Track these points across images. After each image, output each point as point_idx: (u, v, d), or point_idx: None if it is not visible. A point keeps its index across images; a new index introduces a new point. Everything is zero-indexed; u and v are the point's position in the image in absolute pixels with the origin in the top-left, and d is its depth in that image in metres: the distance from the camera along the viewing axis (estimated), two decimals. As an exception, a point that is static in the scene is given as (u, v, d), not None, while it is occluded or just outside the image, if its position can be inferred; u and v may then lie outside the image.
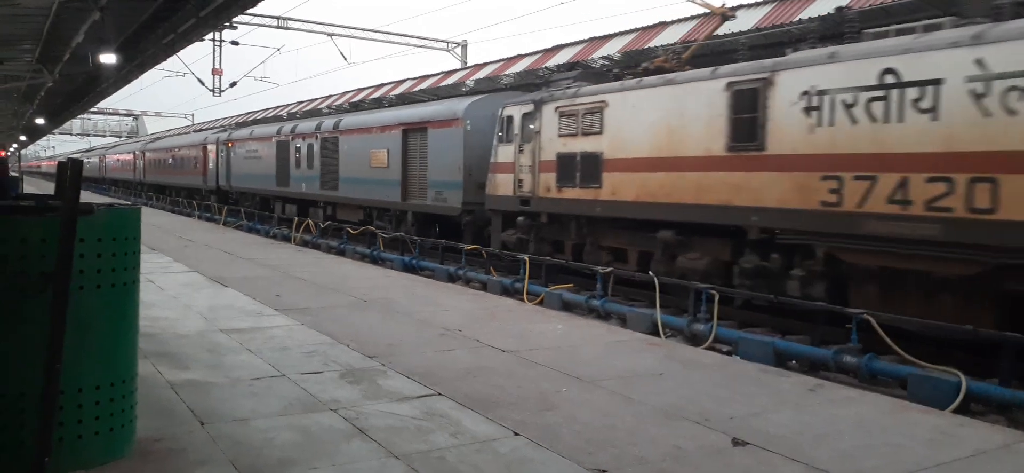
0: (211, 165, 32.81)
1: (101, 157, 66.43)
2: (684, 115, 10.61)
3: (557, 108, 13.07)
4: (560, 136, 12.97)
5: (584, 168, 12.42)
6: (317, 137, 22.68)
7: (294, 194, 24.71)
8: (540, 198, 13.54)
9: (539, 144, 13.44)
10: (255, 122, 35.22)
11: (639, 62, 13.50)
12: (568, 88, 13.29)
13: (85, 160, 69.22)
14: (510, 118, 14.45)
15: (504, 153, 14.57)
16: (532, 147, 13.65)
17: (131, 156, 52.18)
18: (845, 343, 8.24)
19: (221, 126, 39.95)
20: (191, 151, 36.24)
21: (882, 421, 5.32)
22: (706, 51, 13.02)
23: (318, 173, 22.43)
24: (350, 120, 21.66)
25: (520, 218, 14.13)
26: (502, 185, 14.59)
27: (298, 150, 24.05)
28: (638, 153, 11.43)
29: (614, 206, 11.89)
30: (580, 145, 12.53)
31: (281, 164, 25.39)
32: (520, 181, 14.02)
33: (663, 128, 10.95)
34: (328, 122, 22.71)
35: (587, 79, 13.59)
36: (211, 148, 32.96)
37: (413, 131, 17.94)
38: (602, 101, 12.16)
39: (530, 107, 13.87)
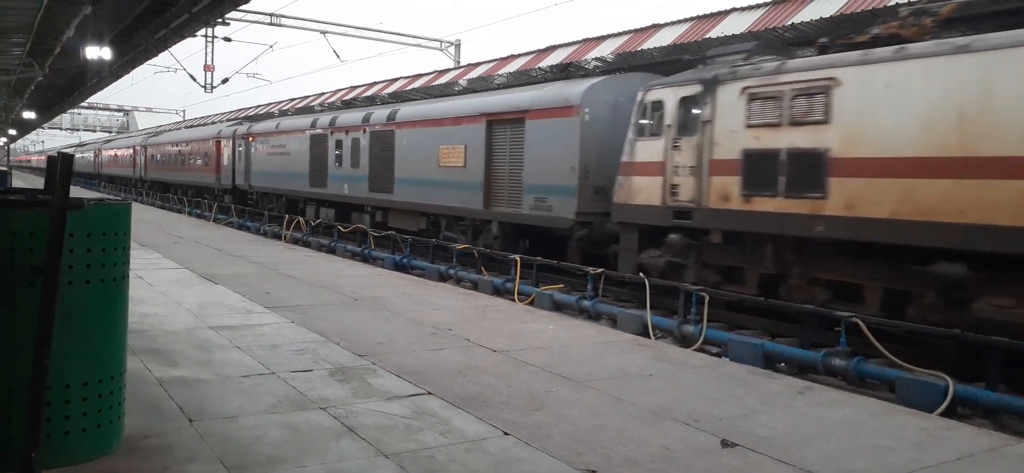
0: (226, 162, 29.61)
1: (96, 151, 62.66)
2: (993, 95, 7.57)
3: (745, 89, 9.81)
4: (749, 127, 9.73)
5: (793, 171, 9.20)
6: (365, 130, 19.41)
7: (332, 196, 21.36)
8: (711, 210, 10.23)
9: (711, 137, 10.22)
10: (281, 113, 31.03)
11: (857, 30, 9.84)
12: (759, 63, 10.07)
13: (78, 155, 67.15)
14: (658, 104, 11.23)
15: (646, 150, 11.30)
16: (697, 141, 10.45)
17: (130, 151, 48.99)
18: (834, 346, 8.29)
19: (237, 118, 36.11)
20: (201, 146, 32.78)
21: (870, 423, 5.35)
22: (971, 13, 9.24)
23: (366, 173, 19.34)
24: (411, 110, 18.36)
25: (672, 236, 10.89)
26: (642, 191, 11.28)
27: (339, 145, 20.71)
28: (898, 150, 8.28)
29: (851, 225, 8.61)
30: (786, 139, 9.28)
31: (316, 162, 22.04)
32: (674, 186, 10.76)
33: (949, 115, 7.86)
34: (380, 113, 19.47)
35: (766, 52, 10.56)
36: (226, 143, 29.65)
37: (502, 123, 14.79)
38: (829, 79, 8.92)
39: (696, 88, 10.59)
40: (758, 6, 12.55)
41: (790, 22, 11.18)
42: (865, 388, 7.70)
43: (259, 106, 36.27)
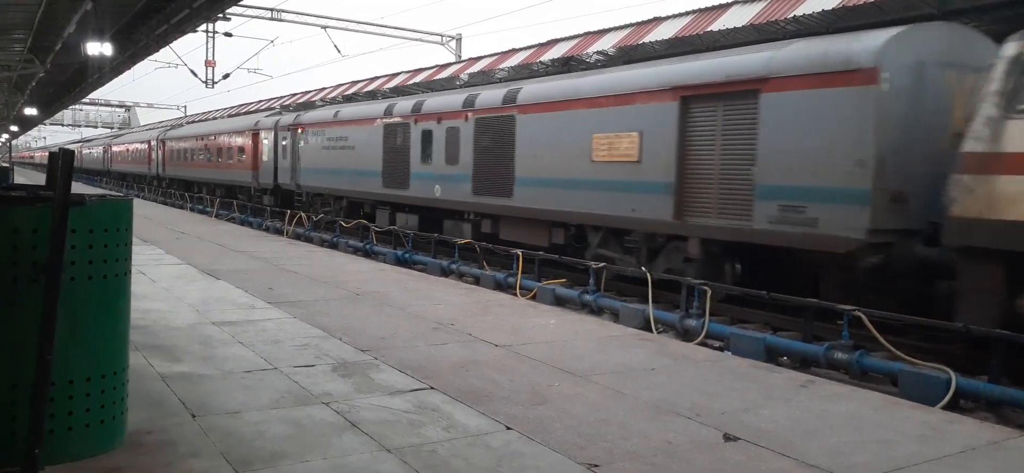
0: (265, 157, 25.91)
1: (106, 146, 58.34)
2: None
3: None
4: None
5: None
6: (468, 117, 15.56)
7: (416, 200, 17.55)
8: None
9: None
10: (340, 100, 26.53)
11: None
12: None
13: (86, 151, 64.62)
14: None
15: None
16: None
17: (144, 145, 44.92)
18: (837, 339, 8.28)
19: (274, 107, 32.53)
20: (234, 139, 28.98)
21: (872, 417, 5.35)
22: None
23: (468, 171, 15.55)
24: (541, 90, 14.10)
25: None
26: (1021, 199, 7.37)
27: (428, 137, 16.92)
28: None
29: None
30: None
31: (393, 157, 18.34)
32: None
33: None
34: (490, 94, 15.34)
35: None
36: (266, 135, 25.98)
37: (710, 98, 10.68)
38: None
39: None
40: (760, -1, 12.52)
41: (792, 14, 11.15)
42: (867, 382, 7.71)
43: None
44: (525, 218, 14.30)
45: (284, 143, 24.70)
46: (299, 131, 23.62)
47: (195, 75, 33.10)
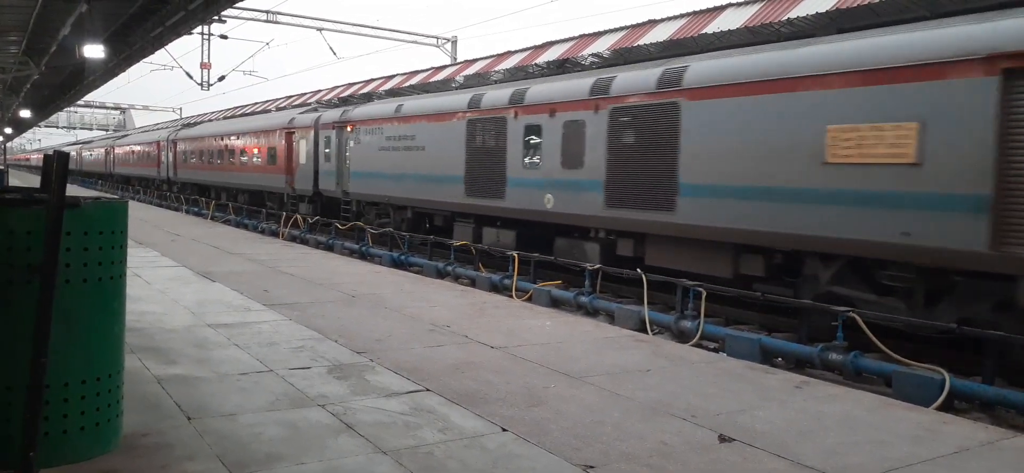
0: (302, 159, 22.72)
1: (108, 148, 54.55)
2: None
3: None
4: None
5: None
6: (598, 107, 12.18)
7: (519, 211, 14.08)
8: None
9: None
10: (396, 91, 22.58)
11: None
12: None
13: (86, 153, 62.19)
14: None
15: None
16: None
17: (153, 146, 41.35)
18: (831, 340, 8.31)
19: (315, 102, 28.59)
20: (263, 139, 25.62)
21: (867, 418, 5.37)
22: None
23: (599, 176, 12.16)
24: (728, 67, 10.46)
25: None
26: None
27: (534, 133, 13.63)
28: None
29: None
30: None
31: (481, 158, 15.04)
32: None
33: None
34: (635, 77, 11.84)
35: None
36: (302, 134, 22.75)
37: None
38: None
39: None
40: (753, 1, 12.56)
41: (786, 17, 11.19)
42: (862, 383, 7.73)
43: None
44: (695, 240, 10.77)
45: (328, 144, 21.24)
46: (347, 129, 20.19)
47: (191, 77, 33.07)
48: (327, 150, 21.31)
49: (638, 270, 11.11)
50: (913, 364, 7.59)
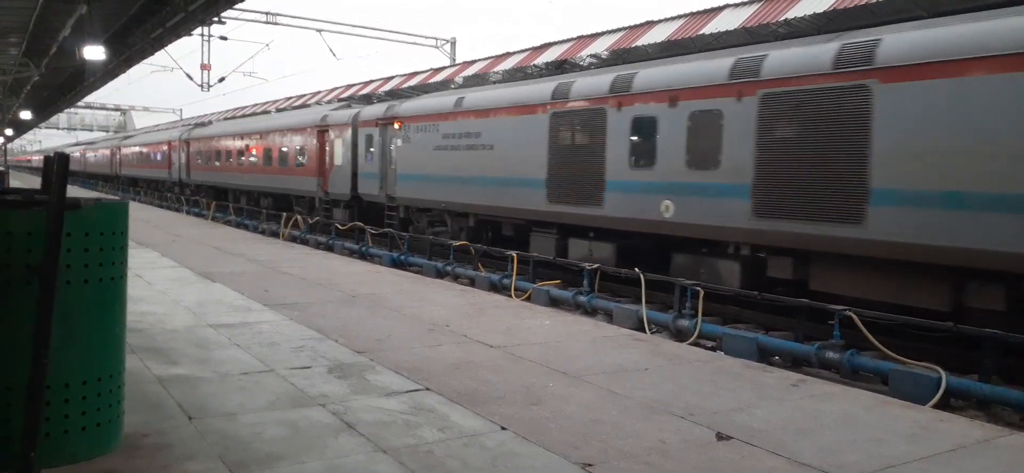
0: (339, 160, 20.89)
1: (114, 149, 52.11)
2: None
3: None
4: None
5: None
6: (742, 94, 10.23)
7: (623, 220, 12.12)
8: None
9: None
10: (447, 84, 20.57)
11: None
12: None
13: (90, 154, 60.97)
14: None
15: None
16: None
17: (164, 146, 38.55)
18: (828, 339, 8.34)
19: (349, 97, 26.08)
20: (292, 138, 23.69)
21: (864, 416, 5.39)
22: None
23: (742, 179, 10.17)
24: (943, 37, 8.41)
25: None
26: None
27: (646, 127, 11.71)
28: None
29: None
30: None
31: (569, 158, 13.10)
32: None
33: None
34: (798, 55, 9.80)
35: None
36: (338, 132, 20.90)
37: None
38: None
39: None
40: (751, 2, 12.59)
41: (783, 18, 11.22)
42: (859, 381, 7.76)
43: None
44: (894, 260, 8.67)
45: (369, 143, 19.30)
46: (394, 126, 18.17)
47: (191, 78, 33.06)
48: (370, 150, 19.33)
49: (636, 270, 11.11)
50: (910, 362, 7.61)
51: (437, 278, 13.87)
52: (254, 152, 26.83)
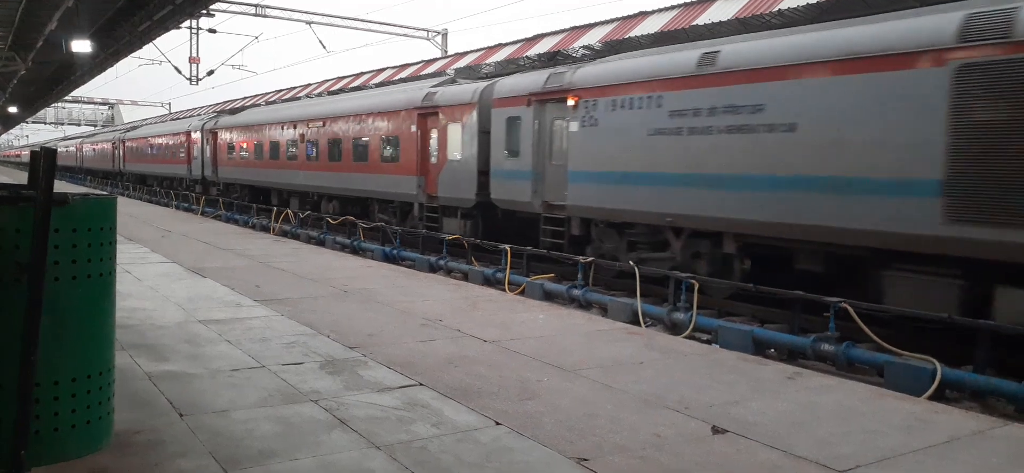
0: (455, 153, 15.99)
1: (116, 142, 47.34)
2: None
3: None
4: None
5: None
6: None
7: None
8: None
9: None
10: (669, 37, 13.91)
11: None
12: None
13: (86, 148, 57.98)
14: None
15: None
16: None
17: (180, 137, 33.60)
18: (824, 331, 8.34)
19: (453, 71, 20.63)
20: (372, 126, 19.09)
21: (859, 408, 5.39)
22: None
23: None
24: None
25: None
26: None
27: None
28: None
29: None
30: None
31: (999, 144, 7.61)
32: None
33: None
34: None
35: None
36: (454, 115, 16.03)
37: None
38: None
39: None
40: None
41: (777, 9, 11.19)
42: (854, 373, 7.77)
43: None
44: None
45: (510, 128, 14.40)
46: (565, 103, 12.99)
47: (179, 72, 32.87)
48: (514, 138, 14.28)
49: (630, 262, 11.07)
50: (905, 354, 7.62)
51: (430, 273, 13.83)
52: (315, 144, 21.87)
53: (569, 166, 12.90)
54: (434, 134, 16.68)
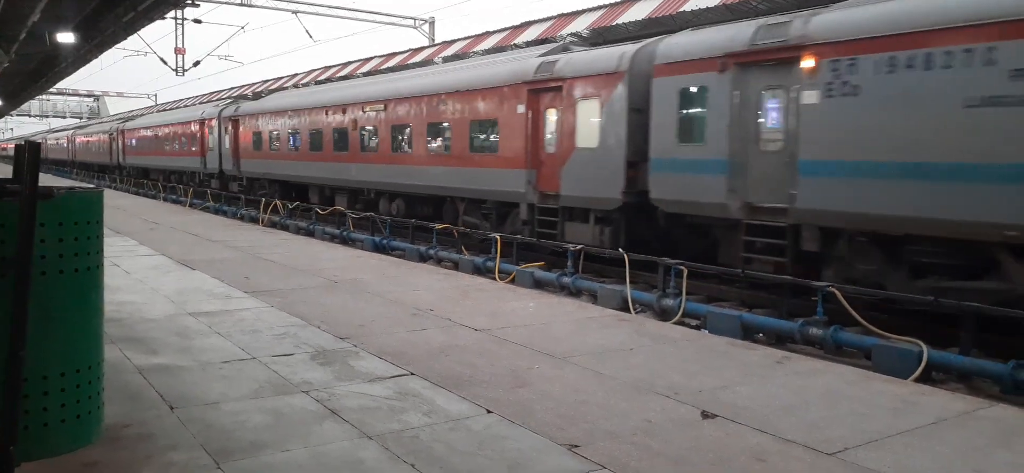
0: (587, 140, 12.47)
1: (114, 133, 43.14)
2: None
3: None
4: None
5: None
6: None
7: None
8: None
9: None
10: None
11: None
12: None
13: (80, 139, 55.53)
14: None
15: None
16: None
17: (195, 127, 29.53)
18: (811, 315, 8.40)
19: (589, 30, 16.67)
20: (455, 108, 15.60)
21: (847, 391, 5.43)
22: None
23: None
24: None
25: None
26: None
27: None
28: None
29: None
30: None
31: None
32: None
33: None
34: None
35: None
36: (587, 91, 12.48)
37: None
38: None
39: None
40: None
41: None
42: (842, 356, 7.83)
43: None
44: None
45: (684, 104, 10.98)
46: (800, 67, 9.38)
47: (165, 63, 32.62)
48: (690, 116, 10.88)
49: (620, 250, 11.11)
50: (892, 337, 7.68)
51: (420, 262, 13.81)
52: (372, 130, 18.59)
53: (800, 154, 9.39)
54: (553, 115, 13.20)
